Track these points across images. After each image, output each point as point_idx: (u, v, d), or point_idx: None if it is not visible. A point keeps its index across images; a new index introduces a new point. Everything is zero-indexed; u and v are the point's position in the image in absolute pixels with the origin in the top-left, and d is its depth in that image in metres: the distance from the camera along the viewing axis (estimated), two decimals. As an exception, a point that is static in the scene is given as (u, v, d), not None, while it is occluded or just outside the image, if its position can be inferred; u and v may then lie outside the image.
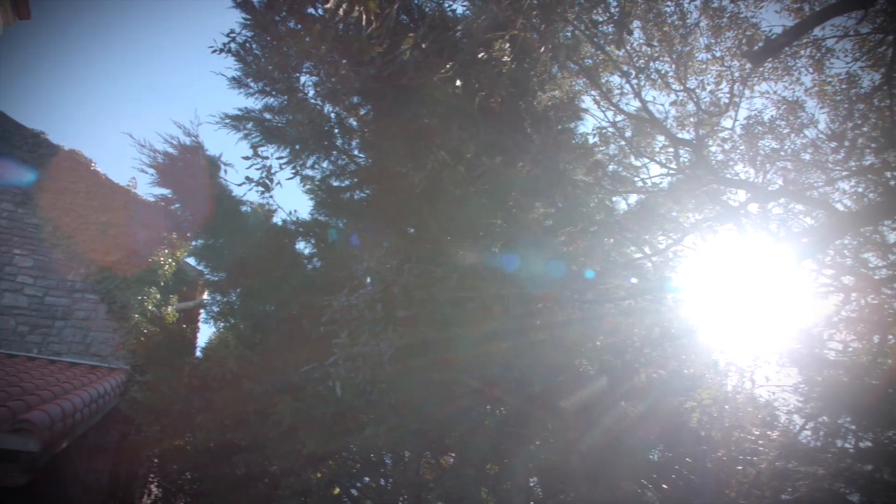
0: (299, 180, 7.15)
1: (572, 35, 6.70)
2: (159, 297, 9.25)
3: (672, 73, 7.45)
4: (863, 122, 6.77)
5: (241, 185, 6.15)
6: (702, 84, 7.54)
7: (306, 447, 6.71)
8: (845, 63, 6.97)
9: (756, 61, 6.02)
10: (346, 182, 7.29)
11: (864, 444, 6.67)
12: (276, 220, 7.64)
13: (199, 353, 8.87)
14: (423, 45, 5.74)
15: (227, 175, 7.29)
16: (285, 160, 6.59)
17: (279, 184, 6.44)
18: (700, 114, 7.33)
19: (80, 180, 9.87)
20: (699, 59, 7.51)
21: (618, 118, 7.58)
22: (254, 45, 6.68)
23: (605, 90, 7.17)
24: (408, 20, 6.63)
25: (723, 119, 7.62)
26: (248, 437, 7.05)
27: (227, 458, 7.41)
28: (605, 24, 6.63)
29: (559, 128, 6.80)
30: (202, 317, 10.68)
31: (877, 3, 5.49)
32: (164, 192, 7.38)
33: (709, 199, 6.92)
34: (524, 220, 6.44)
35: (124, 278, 9.32)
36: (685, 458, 6.51)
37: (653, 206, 7.33)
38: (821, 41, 7.08)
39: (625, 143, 7.62)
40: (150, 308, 8.74)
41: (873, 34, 6.48)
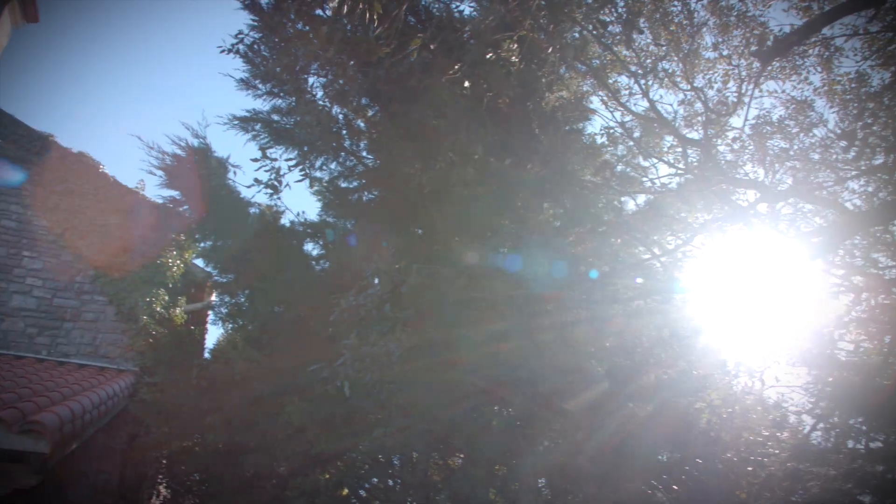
0: (307, 182, 7.15)
1: (580, 35, 6.68)
2: (167, 298, 9.27)
3: (680, 72, 7.44)
4: (873, 122, 6.73)
5: (250, 188, 6.18)
6: (709, 83, 7.53)
7: (314, 448, 6.71)
8: (855, 62, 6.94)
9: (765, 60, 6.00)
10: (354, 183, 7.29)
11: (875, 444, 6.63)
12: (284, 221, 7.65)
13: (207, 355, 8.87)
14: (432, 47, 5.75)
15: (236, 176, 7.32)
16: (294, 162, 6.62)
17: (288, 185, 6.47)
18: (708, 113, 7.30)
19: (89, 182, 9.91)
20: (706, 58, 7.49)
21: (626, 118, 7.57)
22: (262, 47, 6.70)
23: (613, 90, 7.15)
24: (415, 21, 6.63)
25: (731, 118, 7.60)
26: (256, 438, 7.04)
27: (235, 458, 7.41)
28: (613, 24, 6.62)
29: (567, 128, 6.80)
30: (210, 318, 10.73)
31: (888, 2, 5.46)
32: (173, 193, 7.39)
33: (718, 199, 6.89)
34: (532, 220, 6.43)
35: (133, 280, 9.34)
36: (695, 459, 6.47)
37: (661, 207, 7.30)
38: (829, 40, 7.04)
39: (633, 143, 7.61)
40: (158, 310, 8.76)
41: (883, 32, 6.43)
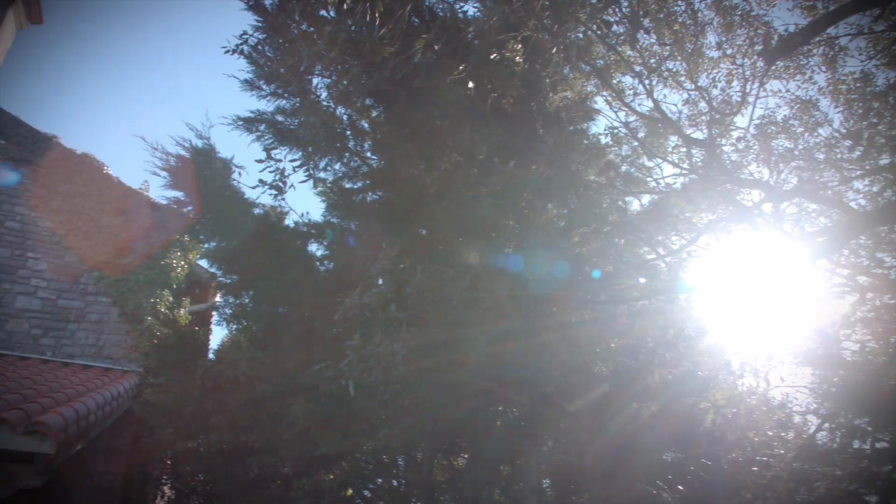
0: (312, 183, 7.15)
1: (584, 35, 6.68)
2: (172, 299, 9.28)
3: (683, 71, 7.41)
4: (878, 121, 6.71)
5: (255, 188, 6.18)
6: (713, 82, 7.50)
7: (319, 448, 6.71)
8: (860, 61, 6.92)
9: (770, 60, 5.99)
10: (359, 184, 7.29)
11: (881, 444, 6.62)
12: (289, 222, 7.65)
13: (211, 356, 8.88)
14: (436, 47, 5.74)
15: (240, 177, 7.32)
16: (298, 162, 6.61)
17: (292, 186, 6.47)
18: (712, 113, 7.29)
19: (93, 183, 9.93)
20: (710, 57, 7.46)
21: (630, 118, 7.55)
22: (266, 48, 6.70)
23: (617, 90, 7.14)
24: (419, 22, 6.63)
25: (735, 118, 7.58)
26: (261, 439, 7.05)
27: (240, 459, 7.43)
28: (618, 23, 6.62)
29: (571, 129, 6.79)
30: (214, 319, 10.72)
31: (893, 1, 5.45)
32: (176, 194, 7.38)
33: (722, 199, 6.87)
34: (537, 220, 6.42)
35: (137, 281, 9.35)
36: (700, 460, 6.47)
37: (666, 207, 7.29)
38: (834, 39, 7.01)
39: (637, 143, 7.59)
40: (162, 310, 8.77)
41: (888, 32, 6.41)
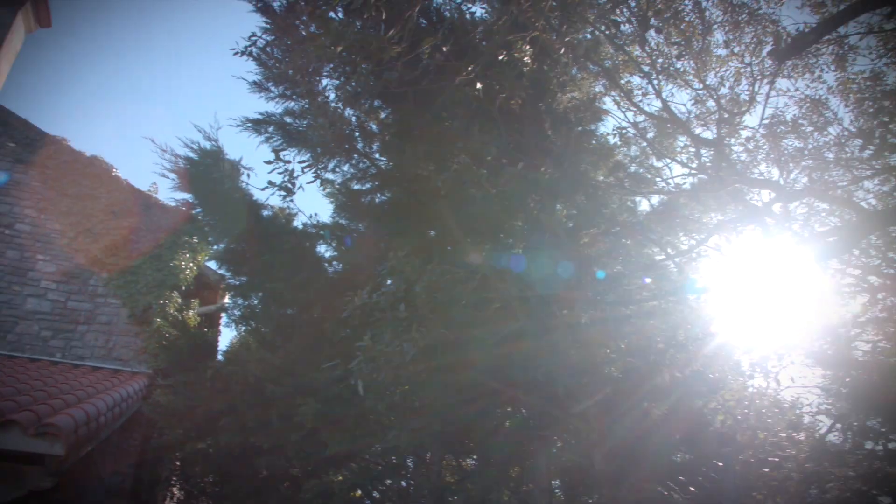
0: (319, 184, 7.17)
1: (592, 36, 6.68)
2: (180, 301, 9.30)
3: (691, 70, 7.39)
4: (889, 120, 6.67)
5: (264, 190, 6.18)
6: (722, 80, 7.48)
7: (328, 449, 6.71)
8: (870, 60, 6.89)
9: (781, 59, 5.96)
10: (367, 185, 7.30)
11: (894, 445, 6.57)
12: (297, 223, 7.68)
13: (220, 357, 8.91)
14: (444, 49, 5.75)
15: (248, 179, 7.34)
16: (307, 164, 6.62)
17: (301, 187, 6.47)
18: (721, 112, 7.26)
19: (102, 186, 9.97)
20: (718, 56, 7.43)
21: (639, 118, 7.54)
22: (274, 50, 6.73)
23: (625, 90, 7.13)
24: (427, 24, 6.64)
25: (744, 117, 7.56)
26: (270, 440, 7.05)
27: (249, 460, 7.43)
28: (626, 23, 6.61)
29: (580, 129, 6.79)
30: (223, 320, 10.76)
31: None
32: (185, 196, 7.42)
33: (732, 199, 6.85)
34: (545, 221, 6.41)
35: (146, 282, 9.39)
36: (711, 460, 6.43)
37: (675, 207, 7.27)
38: (843, 38, 6.98)
39: (646, 143, 7.58)
40: (171, 312, 8.78)
41: (898, 30, 6.39)
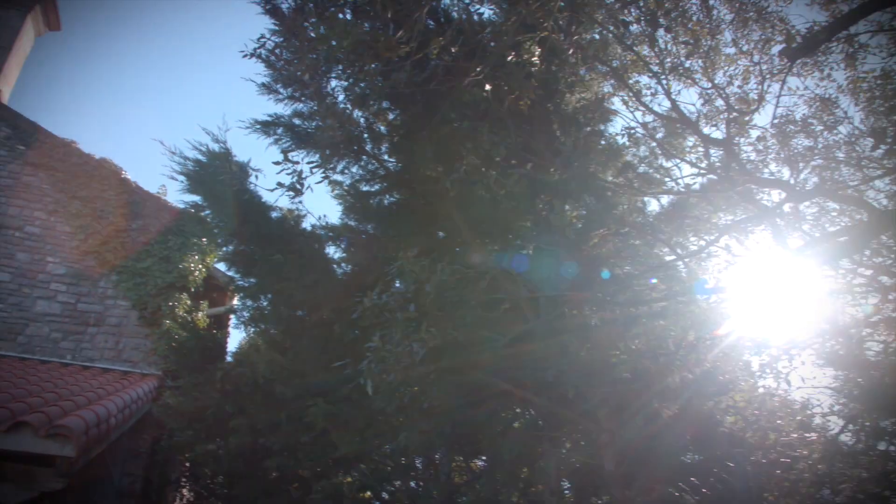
0: (328, 185, 7.18)
1: (601, 36, 6.68)
2: (190, 302, 9.34)
3: (699, 69, 7.36)
4: (901, 119, 6.65)
5: (273, 191, 6.20)
6: (730, 79, 7.44)
7: (338, 451, 6.73)
8: (881, 59, 6.84)
9: (793, 58, 5.94)
10: (376, 186, 7.32)
11: (906, 446, 6.54)
12: (306, 225, 7.69)
13: (229, 359, 8.93)
14: (452, 50, 5.76)
15: (257, 181, 7.36)
16: (315, 164, 6.63)
17: (310, 188, 6.49)
18: (729, 111, 7.23)
19: (111, 188, 10.03)
20: (726, 54, 7.40)
21: (647, 118, 7.51)
22: (283, 51, 6.75)
23: (634, 90, 7.12)
24: (434, 26, 6.65)
25: (753, 116, 7.52)
26: (279, 441, 7.08)
27: (258, 461, 7.45)
28: (634, 23, 6.60)
29: (588, 129, 6.78)
30: (232, 322, 10.78)
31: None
32: (194, 198, 7.45)
33: (742, 199, 6.82)
34: (555, 222, 6.41)
35: (155, 284, 9.44)
36: (722, 461, 6.41)
37: (685, 208, 7.25)
38: (853, 36, 6.93)
39: (655, 143, 7.56)
40: (181, 314, 8.83)
41: (909, 28, 6.35)
